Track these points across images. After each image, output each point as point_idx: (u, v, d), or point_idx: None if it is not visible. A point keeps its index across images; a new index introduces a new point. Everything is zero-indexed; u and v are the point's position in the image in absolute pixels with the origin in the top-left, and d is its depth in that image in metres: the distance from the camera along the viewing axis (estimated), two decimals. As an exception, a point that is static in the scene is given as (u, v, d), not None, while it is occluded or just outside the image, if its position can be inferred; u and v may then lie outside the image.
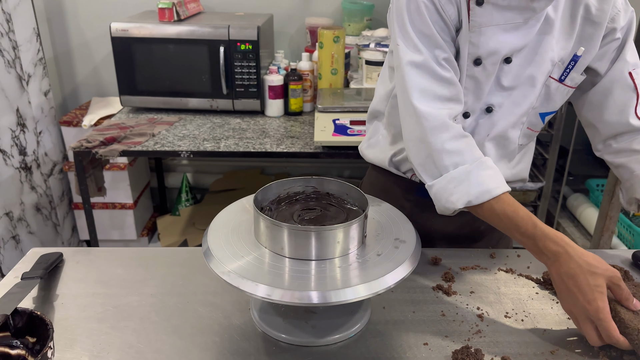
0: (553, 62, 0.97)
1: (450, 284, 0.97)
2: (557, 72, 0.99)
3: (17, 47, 2.19)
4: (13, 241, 2.20)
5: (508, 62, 0.96)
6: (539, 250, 0.83)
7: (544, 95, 1.01)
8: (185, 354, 0.80)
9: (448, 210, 0.92)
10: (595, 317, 0.77)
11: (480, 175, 0.88)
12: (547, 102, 1.02)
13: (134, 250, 1.09)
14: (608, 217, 1.88)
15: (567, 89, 1.01)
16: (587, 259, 0.79)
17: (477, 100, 0.99)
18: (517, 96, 0.99)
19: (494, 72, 0.96)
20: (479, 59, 0.94)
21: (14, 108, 2.19)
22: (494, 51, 0.93)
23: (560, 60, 0.98)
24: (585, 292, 0.77)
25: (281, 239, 0.76)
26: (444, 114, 0.91)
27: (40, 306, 0.91)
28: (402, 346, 0.82)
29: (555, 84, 1.00)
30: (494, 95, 0.99)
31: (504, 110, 1.00)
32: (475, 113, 1.01)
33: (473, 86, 0.98)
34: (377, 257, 0.77)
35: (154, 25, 2.15)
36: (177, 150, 1.92)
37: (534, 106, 1.02)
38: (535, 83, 0.98)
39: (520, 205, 0.87)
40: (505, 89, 0.98)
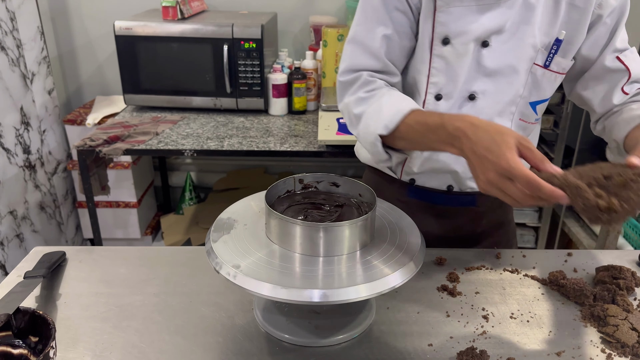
0: (535, 48, 0.95)
1: (455, 284, 0.96)
2: (541, 58, 0.97)
3: (21, 45, 2.19)
4: (17, 239, 2.21)
5: (485, 46, 0.94)
6: (450, 135, 0.79)
7: (532, 83, 0.99)
8: (188, 354, 0.79)
9: (375, 149, 0.92)
10: (509, 170, 0.70)
11: (389, 101, 0.91)
12: (535, 90, 1.00)
13: (137, 249, 1.08)
14: (614, 217, 1.86)
15: (555, 74, 0.99)
16: (494, 126, 0.76)
17: (451, 82, 0.97)
18: (500, 84, 0.97)
19: (465, 54, 0.94)
20: (447, 39, 0.94)
21: (18, 106, 2.19)
22: (462, 31, 0.93)
23: (543, 46, 0.96)
24: (494, 150, 0.72)
25: (290, 235, 0.76)
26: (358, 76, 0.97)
27: (42, 305, 0.90)
28: (406, 347, 0.81)
29: (541, 71, 0.98)
30: (476, 82, 0.97)
31: (488, 99, 0.98)
32: (454, 99, 0.98)
33: (444, 67, 0.96)
34: (381, 257, 0.77)
35: (157, 24, 2.15)
36: (180, 149, 1.92)
37: (522, 95, 0.99)
38: (518, 69, 0.96)
39: (433, 112, 0.88)
40: (487, 75, 0.97)
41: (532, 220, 2.25)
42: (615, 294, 0.91)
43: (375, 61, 0.97)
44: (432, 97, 0.99)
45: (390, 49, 0.96)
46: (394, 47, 0.97)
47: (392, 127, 0.89)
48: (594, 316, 0.87)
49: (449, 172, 1.05)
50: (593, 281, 0.98)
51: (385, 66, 0.97)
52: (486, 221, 1.14)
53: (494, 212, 1.14)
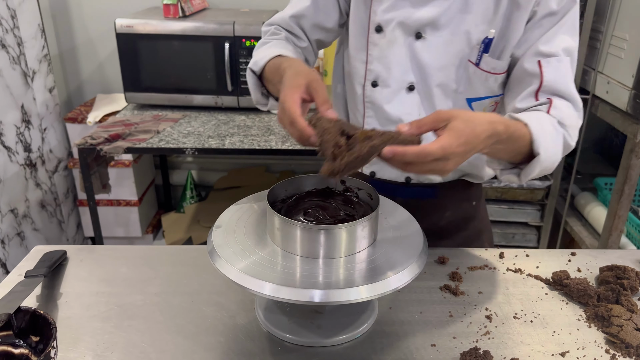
0: (470, 45, 0.94)
1: (458, 284, 0.96)
2: (474, 55, 0.95)
3: (22, 43, 2.18)
4: (18, 238, 2.20)
5: (419, 38, 0.96)
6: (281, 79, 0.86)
7: (466, 79, 0.98)
8: (189, 354, 0.79)
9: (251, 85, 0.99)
10: (283, 101, 0.79)
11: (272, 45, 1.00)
12: (469, 86, 0.98)
13: (138, 248, 1.08)
14: (617, 216, 1.86)
15: (485, 74, 0.96)
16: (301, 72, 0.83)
17: (386, 70, 0.99)
18: (433, 77, 0.98)
19: (396, 43, 0.97)
20: (380, 27, 0.97)
21: (18, 105, 2.19)
22: (391, 19, 0.95)
23: (477, 43, 0.94)
24: (285, 85, 0.81)
25: (291, 236, 0.75)
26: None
27: (43, 305, 0.90)
28: (409, 347, 0.81)
29: (473, 68, 0.96)
30: (412, 73, 0.99)
31: (424, 90, 1.00)
32: (392, 88, 1.00)
33: (378, 54, 0.99)
34: (384, 258, 0.76)
35: (158, 22, 2.14)
36: (181, 147, 1.92)
37: (458, 90, 0.99)
38: (452, 64, 0.96)
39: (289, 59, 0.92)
40: (421, 67, 0.98)
41: (535, 219, 2.25)
42: (620, 294, 0.90)
43: (284, 21, 1.07)
44: (370, 84, 1.02)
45: (303, 16, 1.05)
46: (307, 17, 1.05)
47: (260, 64, 0.95)
48: (598, 316, 0.87)
49: None
50: (597, 281, 0.98)
51: (291, 28, 1.06)
52: (450, 214, 1.14)
53: (458, 206, 1.14)
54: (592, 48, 2.00)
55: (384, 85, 1.01)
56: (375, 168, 1.10)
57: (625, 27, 1.80)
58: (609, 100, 1.87)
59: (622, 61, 1.80)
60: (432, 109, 1.01)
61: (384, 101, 1.02)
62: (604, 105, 1.92)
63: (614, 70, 1.86)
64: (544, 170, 0.87)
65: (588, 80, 2.02)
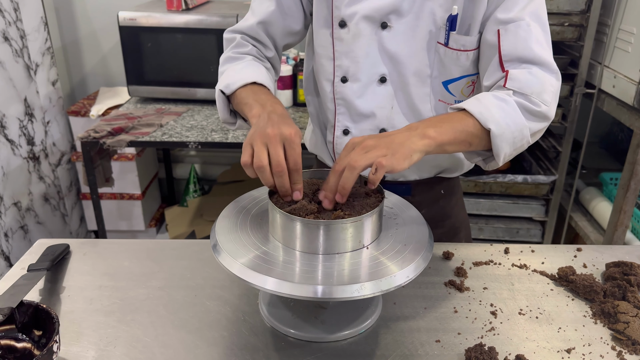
0: (437, 26, 0.93)
1: (463, 279, 0.95)
2: (443, 36, 0.93)
3: (24, 36, 2.18)
4: (21, 231, 2.21)
5: (384, 28, 0.94)
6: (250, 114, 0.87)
7: (438, 62, 0.96)
8: (192, 348, 0.78)
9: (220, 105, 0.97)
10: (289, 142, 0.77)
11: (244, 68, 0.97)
12: (442, 68, 0.96)
13: (141, 242, 1.07)
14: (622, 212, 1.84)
15: (456, 52, 0.93)
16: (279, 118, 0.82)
17: (354, 64, 0.98)
18: (406, 65, 0.96)
19: (361, 35, 0.95)
20: (343, 21, 0.96)
21: (21, 97, 2.18)
22: (353, 12, 0.94)
23: (444, 23, 0.93)
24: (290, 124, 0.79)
25: (292, 231, 0.75)
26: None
27: (46, 298, 0.90)
28: (413, 343, 0.80)
29: (443, 49, 0.94)
30: (382, 65, 0.97)
31: (398, 80, 0.98)
32: (362, 81, 0.99)
33: (345, 49, 0.98)
34: (389, 254, 0.75)
35: (162, 14, 2.13)
36: (185, 141, 1.91)
37: (432, 75, 0.97)
38: (422, 49, 0.95)
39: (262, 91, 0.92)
40: (391, 57, 0.96)
41: (539, 214, 2.24)
42: (626, 290, 0.89)
43: (251, 30, 1.03)
44: (339, 80, 1.01)
45: (270, 23, 1.02)
46: (275, 23, 1.03)
47: (232, 88, 0.94)
48: (604, 313, 0.86)
49: None
50: (603, 277, 0.97)
51: (259, 36, 1.04)
52: (425, 212, 1.10)
53: (433, 204, 1.13)
54: (598, 42, 1.99)
55: (354, 79, 0.99)
56: None
57: (632, 20, 1.78)
58: (616, 95, 1.85)
59: (629, 55, 1.78)
60: (407, 98, 0.99)
61: (354, 96, 1.00)
62: (610, 100, 1.90)
63: (620, 64, 1.84)
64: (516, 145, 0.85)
65: (594, 75, 2.00)
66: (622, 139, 2.48)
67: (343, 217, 0.75)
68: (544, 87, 0.86)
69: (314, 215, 0.76)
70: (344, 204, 0.79)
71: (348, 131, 1.04)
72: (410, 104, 1.00)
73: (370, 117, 1.01)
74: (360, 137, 0.79)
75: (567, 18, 1.97)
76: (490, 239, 2.23)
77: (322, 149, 1.13)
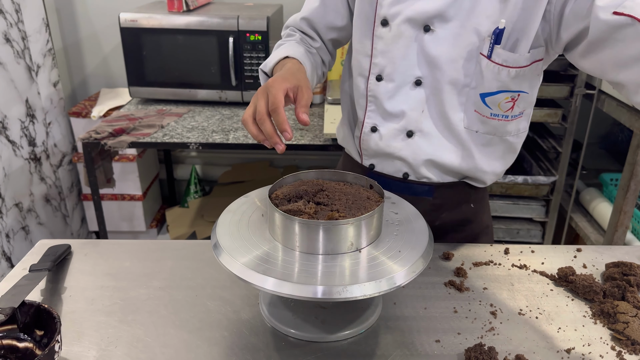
0: (481, 37, 0.91)
1: (463, 280, 0.95)
2: (486, 48, 0.91)
3: (26, 37, 2.18)
4: (22, 232, 2.21)
5: (427, 31, 0.93)
6: None
7: (477, 73, 0.94)
8: (193, 348, 0.79)
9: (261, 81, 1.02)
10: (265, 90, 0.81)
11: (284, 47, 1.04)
12: (481, 80, 0.94)
13: (143, 242, 1.08)
14: (622, 212, 1.84)
15: (497, 67, 0.91)
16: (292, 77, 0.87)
17: (391, 64, 0.98)
18: (444, 71, 0.95)
19: (402, 37, 0.95)
20: (385, 20, 0.96)
21: (23, 99, 2.19)
22: (397, 13, 0.95)
23: (489, 35, 0.90)
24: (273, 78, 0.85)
25: (292, 232, 0.75)
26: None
27: (48, 299, 0.90)
28: (413, 343, 0.80)
29: (485, 61, 0.92)
30: (420, 68, 0.97)
31: (433, 85, 0.97)
32: (397, 82, 0.99)
33: (383, 48, 0.98)
34: (389, 254, 0.76)
35: (163, 16, 2.14)
36: (186, 142, 1.92)
37: (471, 85, 0.95)
38: (463, 58, 0.93)
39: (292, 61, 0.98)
40: (430, 61, 0.95)
41: (539, 215, 2.24)
42: (626, 290, 0.90)
43: (297, 24, 1.11)
44: (374, 78, 1.01)
45: (313, 18, 1.09)
46: (318, 19, 1.09)
47: (270, 65, 1.00)
48: (604, 313, 0.86)
49: (399, 159, 1.05)
50: (602, 277, 0.97)
51: (304, 30, 1.11)
52: (446, 216, 1.11)
53: (455, 208, 1.11)
54: (598, 43, 1.98)
55: (389, 79, 0.99)
56: (375, 161, 1.09)
57: (633, 21, 1.78)
58: (615, 96, 1.85)
59: (629, 56, 1.78)
60: (439, 104, 0.98)
61: (386, 96, 1.01)
62: (610, 101, 1.90)
63: (620, 65, 1.84)
64: None
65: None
66: (622, 139, 2.48)
67: (338, 218, 0.75)
68: None
69: (308, 215, 0.76)
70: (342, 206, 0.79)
71: (376, 129, 1.04)
72: (441, 111, 0.99)
73: (399, 117, 1.01)
74: None
75: (567, 19, 1.97)
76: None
77: (350, 142, 1.14)
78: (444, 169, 1.04)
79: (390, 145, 1.03)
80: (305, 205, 0.78)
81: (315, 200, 0.81)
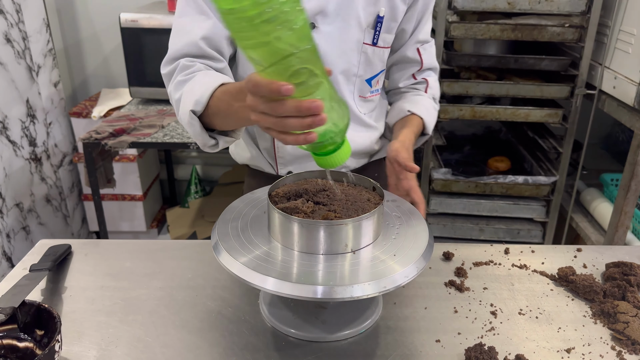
0: (362, 28, 1.00)
1: (463, 279, 0.95)
2: (369, 37, 1.01)
3: (27, 37, 2.19)
4: (23, 232, 2.21)
5: (313, 28, 0.97)
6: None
7: (365, 62, 1.03)
8: (193, 348, 0.79)
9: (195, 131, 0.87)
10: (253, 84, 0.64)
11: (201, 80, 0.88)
12: (369, 67, 1.05)
13: (143, 242, 1.08)
14: (623, 212, 1.84)
15: (383, 50, 1.05)
16: None
17: None
18: (337, 64, 1.01)
19: None
20: None
21: (24, 99, 2.19)
22: None
23: (369, 26, 1.00)
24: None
25: (291, 232, 0.75)
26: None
27: (48, 298, 0.90)
28: (413, 343, 0.80)
29: (371, 49, 1.03)
30: None
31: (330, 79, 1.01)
32: None
33: None
34: (389, 254, 0.76)
35: (163, 16, 2.14)
36: (186, 142, 1.92)
37: (358, 74, 1.04)
38: (348, 50, 1.00)
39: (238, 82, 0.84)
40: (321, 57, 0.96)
41: (540, 215, 2.24)
42: (626, 290, 0.89)
43: (194, 47, 0.95)
44: None
45: (212, 36, 0.95)
46: (217, 35, 0.95)
47: (203, 101, 0.84)
48: (604, 313, 0.86)
49: None
50: (603, 277, 0.97)
51: (205, 52, 0.95)
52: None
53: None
54: (599, 43, 1.99)
55: None
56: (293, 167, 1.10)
57: (633, 21, 1.79)
58: (616, 96, 1.85)
59: (630, 56, 1.78)
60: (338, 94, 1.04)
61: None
62: (611, 101, 1.90)
63: (621, 65, 1.84)
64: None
65: (595, 76, 2.00)
66: (622, 139, 2.48)
67: (333, 218, 0.75)
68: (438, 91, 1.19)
69: (304, 214, 0.76)
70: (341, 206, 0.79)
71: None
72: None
73: None
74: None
75: (568, 19, 1.97)
76: (491, 239, 2.23)
77: (260, 158, 1.13)
78: (357, 154, 1.12)
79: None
80: (304, 204, 0.78)
81: (315, 200, 0.81)
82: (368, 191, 0.86)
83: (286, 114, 0.62)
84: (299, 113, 0.61)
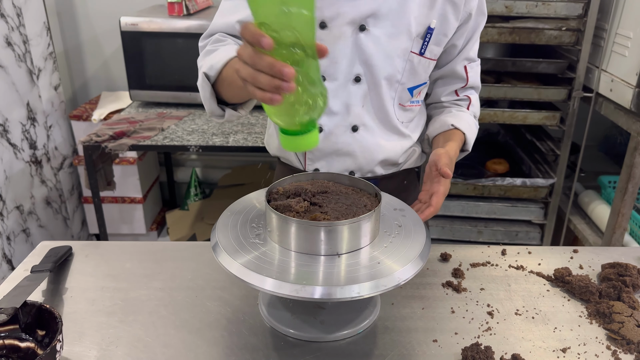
0: (411, 37, 1.00)
1: (460, 280, 0.96)
2: (417, 46, 1.02)
3: (27, 41, 2.20)
4: (23, 234, 2.22)
5: (363, 30, 0.98)
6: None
7: (409, 70, 1.04)
8: (193, 348, 0.80)
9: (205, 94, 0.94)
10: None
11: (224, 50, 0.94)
12: (412, 76, 1.05)
13: (143, 244, 1.09)
14: (620, 214, 1.85)
15: (429, 61, 1.05)
16: None
17: (332, 65, 1.00)
18: (382, 68, 1.01)
19: (342, 37, 0.98)
20: (324, 23, 0.98)
21: (24, 102, 2.20)
22: (336, 15, 0.96)
23: (419, 35, 1.01)
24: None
25: (289, 233, 0.76)
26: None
27: (49, 299, 0.91)
28: (411, 343, 0.81)
29: (417, 58, 1.03)
30: (358, 65, 1.01)
31: (373, 82, 1.02)
32: (340, 80, 1.02)
33: None
34: (386, 254, 0.77)
35: (163, 20, 2.15)
36: (186, 144, 1.93)
37: (401, 81, 1.04)
38: (395, 56, 1.00)
39: None
40: (366, 59, 1.00)
41: (538, 217, 2.25)
42: (621, 291, 0.90)
43: (229, 27, 1.02)
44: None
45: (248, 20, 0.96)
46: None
47: (217, 67, 0.89)
48: (600, 313, 0.87)
49: (347, 155, 1.07)
50: (599, 278, 0.98)
51: (237, 32, 1.01)
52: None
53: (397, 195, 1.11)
54: (596, 46, 2.00)
55: (332, 79, 1.02)
56: (321, 164, 1.10)
57: (630, 24, 1.80)
58: (613, 99, 1.86)
59: (626, 59, 1.79)
60: (378, 99, 1.04)
61: (331, 94, 1.02)
62: (608, 104, 1.91)
63: (617, 68, 1.86)
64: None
65: (592, 78, 2.01)
66: (620, 142, 2.49)
67: (321, 219, 0.76)
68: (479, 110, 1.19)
69: (295, 213, 0.77)
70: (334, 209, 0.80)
71: (321, 129, 1.06)
72: (380, 105, 1.05)
73: (342, 114, 1.04)
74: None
75: (565, 22, 1.98)
76: (490, 241, 2.24)
77: (289, 153, 1.14)
78: (386, 162, 1.11)
79: (338, 142, 1.06)
80: (297, 203, 0.78)
81: (313, 201, 0.82)
82: (370, 197, 0.86)
83: (260, 68, 0.63)
84: (271, 71, 0.63)
